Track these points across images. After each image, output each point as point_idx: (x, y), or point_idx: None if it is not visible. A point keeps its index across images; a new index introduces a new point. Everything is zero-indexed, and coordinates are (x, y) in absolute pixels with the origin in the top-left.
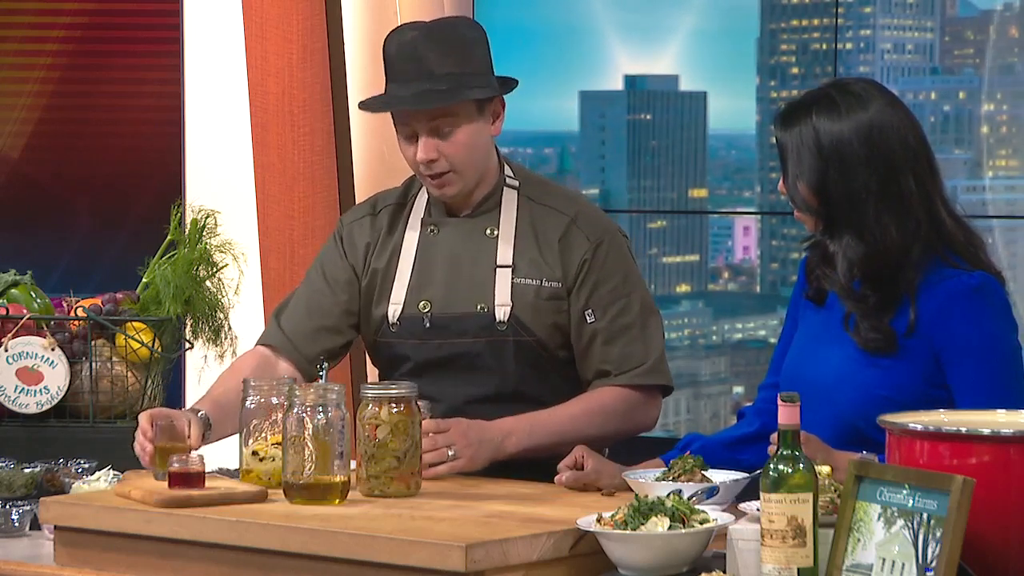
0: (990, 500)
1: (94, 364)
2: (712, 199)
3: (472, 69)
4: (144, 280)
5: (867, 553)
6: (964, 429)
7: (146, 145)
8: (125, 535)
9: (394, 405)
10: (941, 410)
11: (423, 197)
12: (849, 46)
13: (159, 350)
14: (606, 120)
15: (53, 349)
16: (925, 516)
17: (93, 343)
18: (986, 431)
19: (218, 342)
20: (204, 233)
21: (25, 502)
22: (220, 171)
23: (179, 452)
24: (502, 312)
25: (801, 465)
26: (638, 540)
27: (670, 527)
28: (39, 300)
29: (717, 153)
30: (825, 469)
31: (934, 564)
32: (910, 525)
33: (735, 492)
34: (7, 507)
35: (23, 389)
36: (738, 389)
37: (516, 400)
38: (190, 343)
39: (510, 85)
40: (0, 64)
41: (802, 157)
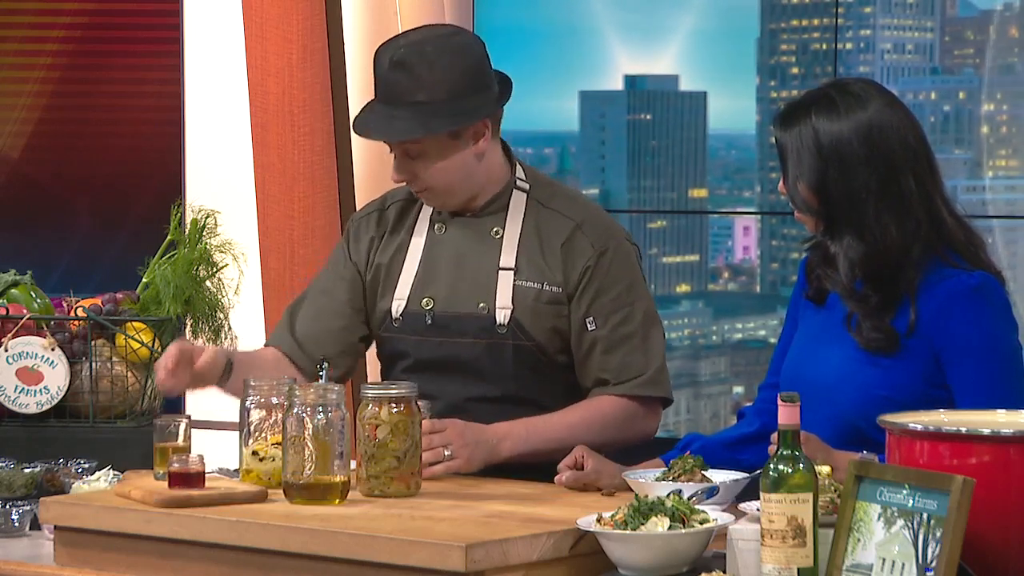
0: (990, 500)
1: (94, 364)
2: (712, 199)
3: (444, 95)
4: (144, 280)
5: (867, 553)
6: (964, 429)
7: (146, 145)
8: (125, 535)
9: (394, 405)
10: (941, 410)
11: None
12: (849, 46)
13: (159, 350)
14: (606, 120)
15: (53, 349)
16: (925, 516)
17: (93, 343)
18: (986, 431)
19: (218, 342)
20: (204, 233)
21: (25, 502)
22: (220, 171)
23: (179, 452)
24: (503, 315)
25: (801, 465)
26: (638, 540)
27: (670, 527)
28: (39, 300)
29: (717, 153)
30: (825, 469)
31: (934, 564)
32: (910, 525)
33: (735, 492)
34: (7, 507)
35: (23, 389)
36: (738, 389)
37: (513, 403)
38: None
39: (496, 102)
40: (0, 64)
41: (802, 157)
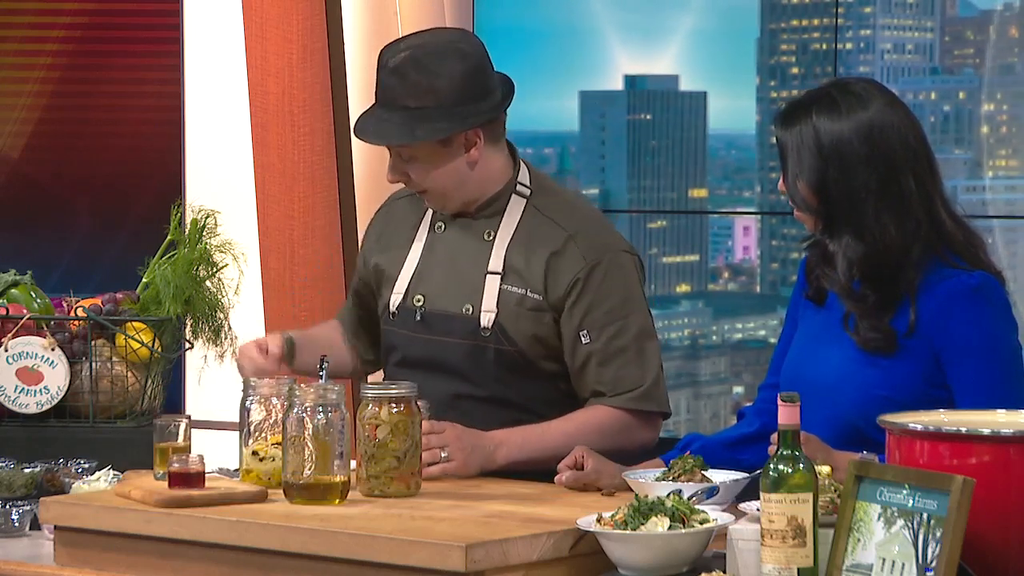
0: (990, 500)
1: (94, 364)
2: (712, 199)
3: (436, 103)
4: (144, 280)
5: (867, 553)
6: (964, 429)
7: (146, 145)
8: (125, 535)
9: (394, 405)
10: (941, 410)
11: None
12: (849, 46)
13: (159, 350)
14: (606, 120)
15: (53, 349)
16: (925, 516)
17: (93, 343)
18: (986, 431)
19: (218, 342)
20: (204, 233)
21: (25, 502)
22: (220, 171)
23: (179, 452)
24: (487, 318)
25: (801, 465)
26: (638, 540)
27: (670, 527)
28: (39, 300)
29: (717, 153)
30: (825, 469)
31: (934, 564)
32: (910, 525)
33: (735, 492)
34: (7, 507)
35: (23, 389)
36: (738, 389)
37: (499, 404)
38: (190, 343)
39: (474, 120)
40: (0, 64)
41: (802, 156)
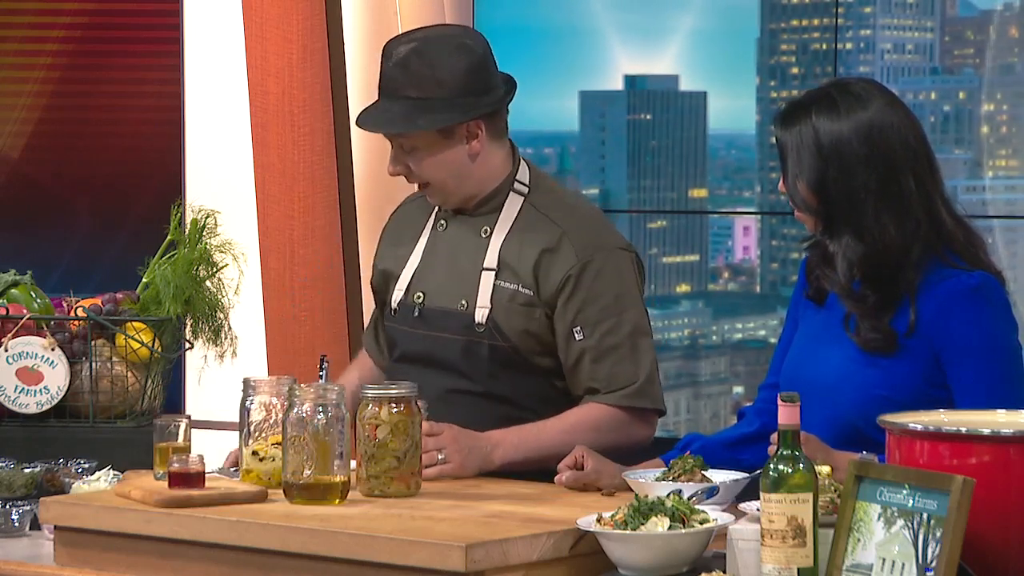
0: (990, 500)
1: (94, 364)
2: (712, 199)
3: (437, 93)
4: (144, 280)
5: (867, 553)
6: (964, 429)
7: (146, 145)
8: (125, 535)
9: (394, 405)
10: (941, 410)
11: None
12: (849, 46)
13: (159, 350)
14: (606, 120)
15: (53, 349)
16: (925, 516)
17: (93, 343)
18: (986, 431)
19: (218, 342)
20: (204, 233)
21: (25, 502)
22: (220, 171)
23: (179, 452)
24: (481, 314)
25: (801, 465)
26: (638, 540)
27: (670, 527)
28: (39, 300)
29: (717, 153)
30: (825, 469)
31: (934, 564)
32: (910, 525)
33: (735, 492)
34: (7, 507)
35: (23, 389)
36: (738, 389)
37: (493, 400)
38: (190, 343)
39: (475, 112)
40: (0, 64)
41: (802, 156)
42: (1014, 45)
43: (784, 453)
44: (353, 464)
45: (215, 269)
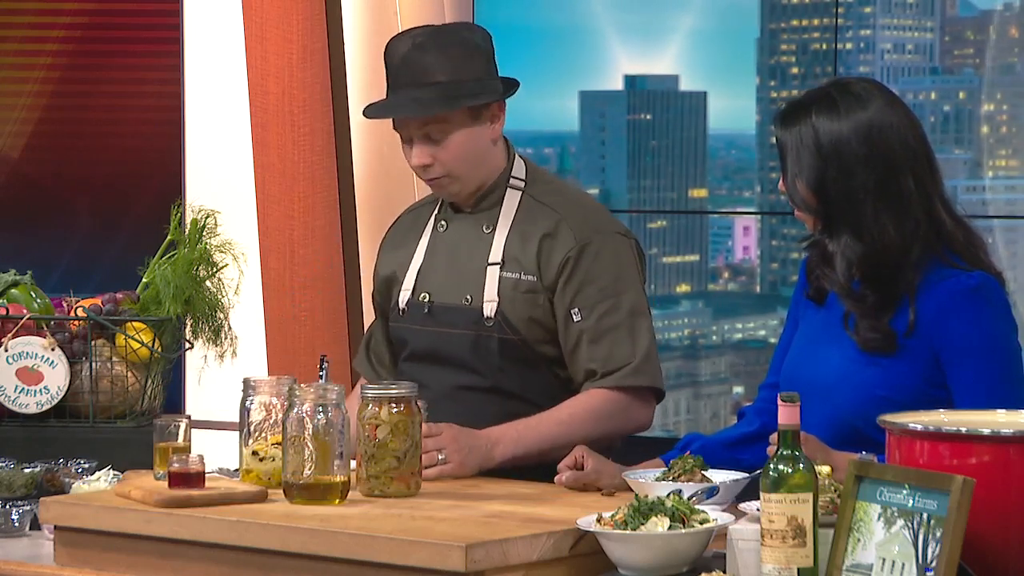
0: (990, 500)
1: (94, 364)
2: (712, 199)
3: (466, 76)
4: (144, 280)
5: (867, 553)
6: (964, 429)
7: (146, 145)
8: (125, 535)
9: (394, 405)
10: (941, 410)
11: None
12: (849, 46)
13: (159, 350)
14: (606, 120)
15: (53, 349)
16: (925, 516)
17: (93, 343)
18: (986, 431)
19: (218, 342)
20: (204, 233)
21: (25, 502)
22: (220, 171)
23: (179, 452)
24: (489, 308)
25: (801, 465)
26: (638, 540)
27: (670, 527)
28: (39, 300)
29: (717, 153)
30: (825, 469)
31: (934, 564)
32: (910, 525)
33: (735, 492)
34: (7, 507)
35: (23, 389)
36: (738, 389)
37: (501, 394)
38: (190, 343)
39: (509, 89)
40: (0, 64)
41: (801, 156)
42: (1014, 45)
43: (784, 453)
44: (353, 464)
45: (215, 269)
